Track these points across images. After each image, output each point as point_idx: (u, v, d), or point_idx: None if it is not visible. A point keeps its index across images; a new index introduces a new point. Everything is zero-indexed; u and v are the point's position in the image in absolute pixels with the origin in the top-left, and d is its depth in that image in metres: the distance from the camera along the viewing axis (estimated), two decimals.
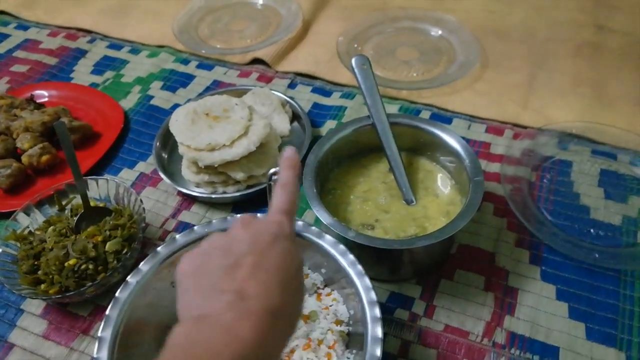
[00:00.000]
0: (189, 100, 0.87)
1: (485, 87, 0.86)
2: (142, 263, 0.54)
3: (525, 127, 0.79)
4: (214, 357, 0.31)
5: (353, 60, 0.68)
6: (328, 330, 0.53)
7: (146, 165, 0.79)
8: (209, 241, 0.39)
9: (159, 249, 0.55)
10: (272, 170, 0.52)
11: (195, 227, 0.56)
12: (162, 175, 0.74)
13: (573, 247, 0.63)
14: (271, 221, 0.40)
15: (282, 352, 0.37)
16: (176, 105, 0.87)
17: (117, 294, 0.51)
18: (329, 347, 0.52)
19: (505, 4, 1.04)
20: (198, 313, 0.34)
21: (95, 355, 0.47)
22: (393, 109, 0.83)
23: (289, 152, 0.44)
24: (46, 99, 0.90)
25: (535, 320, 0.58)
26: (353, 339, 0.54)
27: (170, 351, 0.32)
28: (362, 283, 0.51)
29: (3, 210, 0.73)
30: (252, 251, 0.37)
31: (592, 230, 0.66)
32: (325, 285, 0.58)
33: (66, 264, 0.60)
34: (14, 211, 0.67)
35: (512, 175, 0.71)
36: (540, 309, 0.59)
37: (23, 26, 1.09)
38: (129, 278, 0.52)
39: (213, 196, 0.71)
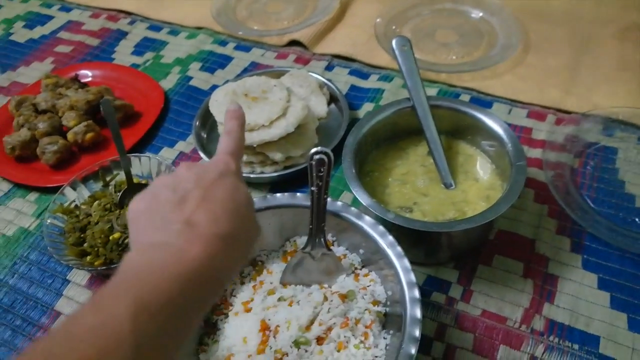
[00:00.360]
0: (227, 82, 0.87)
1: (527, 71, 0.84)
2: None
3: (568, 113, 0.77)
4: (160, 274, 0.32)
5: (394, 42, 0.67)
6: (365, 310, 0.53)
7: (186, 145, 0.80)
8: (156, 182, 0.41)
9: None
10: (312, 150, 0.52)
11: None
12: (202, 155, 0.75)
13: (617, 236, 0.61)
14: (217, 160, 0.43)
15: (232, 276, 0.40)
16: (215, 86, 0.88)
17: None
18: (366, 327, 0.52)
19: None
20: (149, 242, 0.36)
21: None
22: (432, 92, 0.82)
23: (233, 106, 0.49)
24: (90, 79, 0.92)
25: (576, 308, 0.57)
26: (390, 320, 0.54)
27: (120, 274, 0.33)
28: (401, 264, 0.51)
29: (49, 185, 0.76)
30: (198, 187, 0.39)
31: (637, 219, 0.64)
32: (363, 266, 0.58)
33: (111, 237, 0.62)
34: (59, 186, 0.69)
35: (554, 161, 0.69)
36: (581, 298, 0.58)
37: (66, 8, 1.12)
38: None
39: (251, 176, 0.72)
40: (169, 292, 0.32)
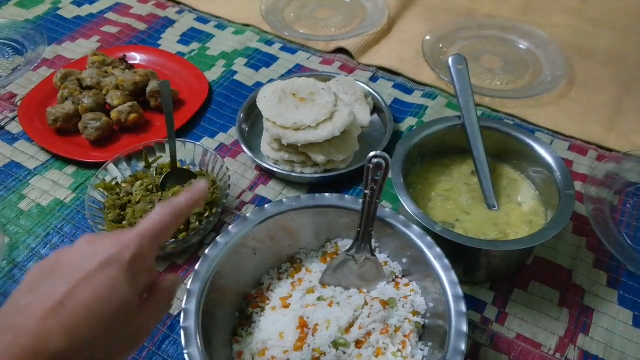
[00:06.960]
0: (271, 80, 0.88)
1: (571, 105, 0.84)
2: (231, 226, 0.55)
3: (609, 150, 0.77)
4: None
5: (450, 59, 0.68)
6: (405, 319, 0.53)
7: (226, 137, 0.81)
8: (61, 251, 0.38)
9: (248, 215, 0.56)
10: (372, 154, 0.52)
11: (284, 200, 0.57)
12: (244, 148, 0.75)
13: None
14: (116, 243, 0.37)
15: None
16: (258, 83, 0.89)
17: (207, 252, 0.53)
18: (405, 336, 0.52)
19: (594, 25, 1.02)
20: (3, 323, 0.34)
21: (184, 306, 0.49)
22: None
23: (202, 183, 0.43)
24: (136, 62, 0.92)
25: (610, 343, 0.57)
26: (427, 332, 0.54)
27: None
28: (448, 277, 0.51)
29: (87, 160, 0.76)
30: (70, 280, 0.35)
31: None
32: (404, 276, 0.58)
33: None
34: (97, 162, 0.70)
35: (594, 196, 0.70)
36: (616, 333, 0.58)
37: None
38: (218, 238, 0.54)
39: (293, 174, 0.72)
40: None
